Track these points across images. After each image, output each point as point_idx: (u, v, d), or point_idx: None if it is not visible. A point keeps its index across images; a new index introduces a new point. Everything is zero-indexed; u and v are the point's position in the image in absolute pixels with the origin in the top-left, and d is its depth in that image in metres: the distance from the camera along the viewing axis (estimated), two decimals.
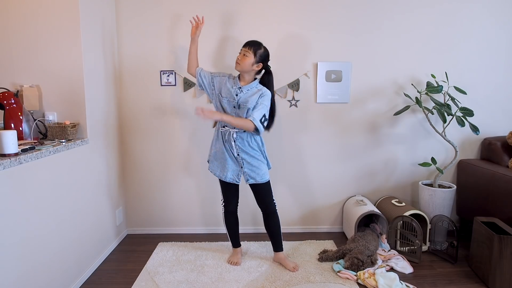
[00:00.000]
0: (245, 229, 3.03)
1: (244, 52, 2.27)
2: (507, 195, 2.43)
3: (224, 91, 2.34)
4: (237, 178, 2.38)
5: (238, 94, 2.31)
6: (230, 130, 2.32)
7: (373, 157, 3.05)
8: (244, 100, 2.29)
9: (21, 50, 2.26)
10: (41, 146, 1.96)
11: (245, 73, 2.32)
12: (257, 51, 2.27)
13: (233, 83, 2.35)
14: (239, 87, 2.32)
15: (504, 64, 2.97)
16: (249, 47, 2.27)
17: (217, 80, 2.39)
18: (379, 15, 2.87)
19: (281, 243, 2.49)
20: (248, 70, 2.30)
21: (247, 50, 2.27)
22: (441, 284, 2.26)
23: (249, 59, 2.26)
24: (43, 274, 1.89)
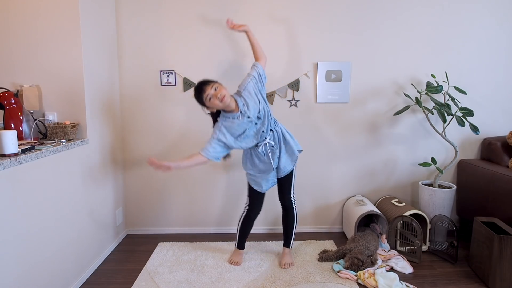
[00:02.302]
0: None
1: (212, 87, 2.11)
2: (507, 195, 2.43)
3: (238, 130, 2.21)
4: (273, 181, 2.40)
5: (249, 115, 2.20)
6: (265, 142, 2.27)
7: (373, 157, 3.05)
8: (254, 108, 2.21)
9: (21, 50, 2.26)
10: (41, 146, 1.96)
11: (232, 102, 2.18)
12: (213, 80, 2.18)
13: (233, 118, 2.20)
14: (240, 113, 2.20)
15: (504, 64, 2.97)
16: (208, 84, 2.13)
17: (223, 136, 2.22)
18: (379, 15, 2.87)
19: (290, 240, 2.51)
20: (229, 94, 2.17)
21: (212, 84, 2.12)
22: (441, 284, 2.26)
23: (220, 85, 2.15)
24: (43, 274, 1.89)
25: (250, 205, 2.48)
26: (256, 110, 2.23)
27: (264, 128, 2.26)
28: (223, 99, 2.11)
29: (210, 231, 3.10)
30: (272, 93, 2.91)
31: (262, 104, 2.27)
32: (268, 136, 2.29)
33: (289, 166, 2.38)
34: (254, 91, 2.26)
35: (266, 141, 2.28)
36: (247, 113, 2.21)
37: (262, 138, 2.28)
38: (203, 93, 2.12)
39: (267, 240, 2.91)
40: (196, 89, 2.16)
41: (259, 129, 2.26)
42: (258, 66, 2.32)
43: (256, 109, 2.24)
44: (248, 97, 2.24)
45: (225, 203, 3.06)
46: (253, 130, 2.26)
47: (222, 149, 2.25)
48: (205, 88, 2.12)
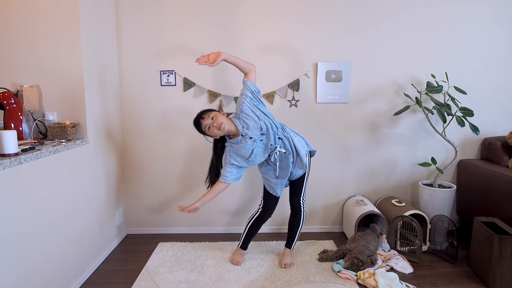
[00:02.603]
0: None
1: (209, 117, 2.16)
2: (507, 195, 2.43)
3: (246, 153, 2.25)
4: (286, 184, 2.44)
5: (250, 136, 2.21)
6: (275, 151, 2.28)
7: (373, 157, 3.05)
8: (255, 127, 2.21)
9: (21, 50, 2.27)
10: (41, 146, 1.96)
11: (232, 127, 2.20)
12: (213, 110, 2.23)
13: (237, 143, 2.24)
14: (241, 136, 2.21)
15: (504, 64, 2.97)
16: (205, 114, 2.18)
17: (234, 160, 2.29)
18: (379, 15, 2.87)
19: (292, 241, 2.52)
20: (228, 120, 2.19)
21: (209, 114, 2.17)
22: (441, 284, 2.26)
23: (217, 114, 2.19)
24: (43, 274, 1.89)
25: (264, 207, 2.48)
26: (257, 128, 2.22)
27: (271, 140, 2.26)
28: (220, 127, 2.14)
29: (210, 231, 3.10)
30: (272, 93, 2.91)
31: (263, 120, 2.23)
32: (278, 145, 2.29)
33: (300, 171, 2.38)
34: (251, 110, 2.22)
35: (277, 150, 2.29)
36: (248, 134, 2.21)
37: (272, 149, 2.29)
38: (201, 125, 2.20)
39: (267, 240, 2.91)
40: (195, 121, 2.24)
41: (266, 143, 2.26)
42: (248, 83, 2.25)
43: (257, 127, 2.22)
44: (247, 118, 2.22)
45: (225, 203, 3.06)
46: (261, 147, 2.27)
47: (238, 171, 2.33)
48: (202, 120, 2.19)
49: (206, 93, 2.90)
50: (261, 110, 2.25)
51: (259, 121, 2.22)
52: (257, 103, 2.25)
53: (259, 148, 2.26)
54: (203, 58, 2.17)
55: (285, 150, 2.30)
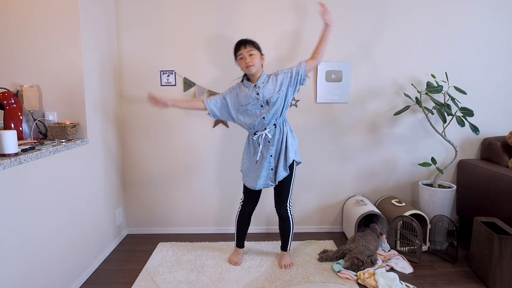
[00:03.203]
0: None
1: (249, 52, 2.20)
2: (507, 195, 2.43)
3: (243, 100, 2.27)
4: (270, 181, 2.34)
5: (259, 92, 2.24)
6: (262, 133, 2.28)
7: (373, 157, 3.05)
8: (270, 93, 2.23)
9: (21, 50, 2.27)
10: (41, 146, 1.96)
11: (258, 71, 2.25)
12: (256, 45, 2.25)
13: (246, 87, 2.28)
14: (254, 85, 2.26)
15: (504, 64, 2.97)
16: (249, 45, 2.22)
17: (229, 98, 2.32)
18: (379, 15, 2.87)
19: (286, 245, 2.49)
20: (260, 67, 2.26)
21: (250, 49, 2.21)
22: (441, 284, 2.26)
23: (257, 55, 2.22)
24: (43, 274, 1.89)
25: (245, 201, 2.47)
26: (270, 94, 2.24)
27: (267, 117, 2.25)
28: (248, 67, 2.20)
29: (210, 231, 3.10)
30: None
31: (281, 97, 2.24)
32: (268, 129, 2.28)
33: (283, 172, 2.30)
34: (281, 82, 2.26)
35: (265, 132, 2.28)
36: (260, 89, 2.24)
37: (262, 128, 2.28)
38: (239, 51, 2.24)
39: (267, 240, 2.91)
40: (237, 43, 2.26)
41: (262, 113, 2.25)
42: (302, 67, 2.27)
43: (271, 94, 2.24)
44: (272, 80, 2.27)
45: (225, 203, 3.06)
46: (255, 111, 2.26)
47: (221, 107, 2.33)
48: (242, 47, 2.22)
49: (206, 93, 2.90)
50: (286, 91, 2.26)
51: (277, 92, 2.24)
52: (290, 84, 2.27)
53: (254, 109, 2.25)
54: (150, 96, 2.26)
55: (270, 139, 2.28)
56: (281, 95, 2.25)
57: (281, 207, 2.41)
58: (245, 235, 2.56)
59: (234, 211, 3.05)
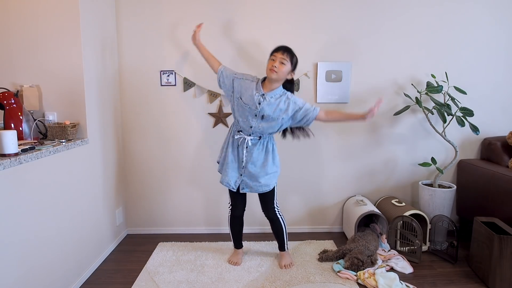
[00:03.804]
0: (246, 229, 3.01)
1: (282, 59, 2.13)
2: (507, 195, 2.43)
3: (245, 97, 2.21)
4: (234, 185, 2.31)
5: (261, 102, 2.18)
6: (245, 137, 2.26)
7: (373, 157, 3.05)
8: (270, 112, 2.18)
9: (21, 50, 2.26)
10: (41, 146, 1.96)
11: (278, 81, 2.20)
12: (293, 59, 2.18)
13: (255, 88, 2.21)
14: (262, 94, 2.19)
15: (504, 64, 2.97)
16: (287, 54, 2.14)
17: (237, 82, 2.26)
18: (379, 15, 2.87)
19: (283, 245, 2.49)
20: (283, 79, 2.20)
21: (285, 57, 2.13)
22: (441, 284, 2.26)
23: (287, 67, 2.15)
24: (43, 274, 1.89)
25: (232, 204, 2.47)
26: (269, 112, 2.18)
27: (254, 128, 2.23)
28: (272, 71, 2.14)
29: (210, 231, 3.10)
30: None
31: (277, 123, 2.21)
32: (252, 137, 2.25)
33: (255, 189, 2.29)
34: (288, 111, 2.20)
35: (247, 138, 2.25)
36: (264, 102, 2.18)
37: (247, 132, 2.25)
38: (275, 52, 2.17)
39: (267, 240, 2.91)
40: (278, 46, 2.20)
41: (251, 122, 2.21)
42: (315, 112, 2.23)
43: (270, 113, 2.18)
44: (283, 102, 2.20)
45: (225, 203, 3.06)
46: (248, 115, 2.21)
47: (228, 82, 2.30)
48: (281, 52, 2.16)
49: (206, 93, 2.90)
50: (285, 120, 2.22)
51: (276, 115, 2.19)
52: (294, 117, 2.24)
53: (247, 111, 2.20)
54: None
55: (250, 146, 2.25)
56: (278, 120, 2.21)
57: (268, 210, 2.41)
58: (241, 236, 2.56)
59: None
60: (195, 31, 2.41)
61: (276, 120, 2.21)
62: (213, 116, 2.94)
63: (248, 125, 2.24)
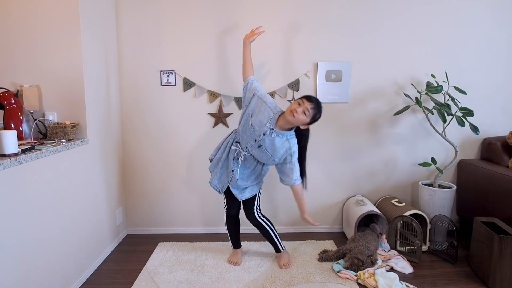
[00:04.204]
0: (245, 229, 3.02)
1: (306, 110, 2.08)
2: (507, 195, 2.43)
3: (255, 119, 2.20)
4: (221, 189, 2.36)
5: (266, 135, 2.17)
6: (241, 151, 2.26)
7: (373, 157, 3.05)
8: (270, 147, 2.18)
9: (21, 50, 2.26)
10: (41, 146, 1.96)
11: (292, 125, 2.17)
12: (316, 116, 2.14)
13: (270, 120, 2.18)
14: (272, 128, 2.17)
15: (504, 64, 2.97)
16: (313, 109, 2.10)
17: (255, 100, 2.23)
18: (379, 15, 2.87)
19: (277, 246, 2.50)
20: (296, 125, 2.18)
21: (309, 111, 2.09)
22: (441, 284, 2.26)
23: (305, 119, 2.11)
24: (43, 274, 1.89)
25: (227, 204, 2.47)
26: (268, 148, 2.18)
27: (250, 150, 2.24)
28: (292, 114, 2.09)
29: (210, 231, 3.10)
30: (272, 93, 2.91)
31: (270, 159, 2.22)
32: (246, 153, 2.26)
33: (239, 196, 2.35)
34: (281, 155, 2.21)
35: (243, 152, 2.26)
36: (269, 136, 2.17)
37: (243, 147, 2.26)
38: (305, 99, 2.12)
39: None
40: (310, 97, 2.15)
41: (248, 143, 2.22)
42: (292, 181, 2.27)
43: (268, 148, 2.19)
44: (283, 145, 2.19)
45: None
46: (249, 137, 2.22)
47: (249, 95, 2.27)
48: (310, 102, 2.11)
49: (206, 93, 2.90)
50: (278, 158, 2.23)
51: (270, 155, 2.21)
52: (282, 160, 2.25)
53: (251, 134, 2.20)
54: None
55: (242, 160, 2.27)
56: (271, 158, 2.21)
57: (249, 216, 2.44)
58: (238, 235, 2.56)
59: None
60: (255, 32, 2.36)
61: (270, 157, 2.22)
62: (213, 116, 2.94)
63: (244, 144, 2.25)
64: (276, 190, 3.02)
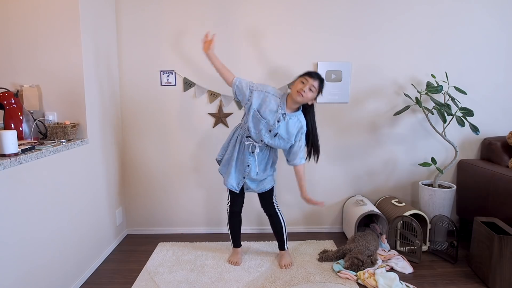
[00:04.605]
0: (246, 229, 3.03)
1: (312, 86, 2.14)
2: (507, 195, 2.43)
3: (265, 111, 2.20)
4: (237, 186, 2.35)
5: (281, 121, 2.20)
6: (255, 144, 2.27)
7: (373, 157, 3.05)
8: (285, 132, 2.22)
9: (21, 50, 2.26)
10: (41, 146, 1.96)
11: (301, 103, 2.21)
12: (321, 88, 2.20)
13: (279, 106, 2.21)
14: (284, 113, 2.20)
15: (504, 64, 2.97)
16: (318, 84, 2.16)
17: (257, 94, 2.21)
18: (379, 15, 2.87)
19: (283, 243, 2.50)
20: (303, 103, 2.22)
21: (315, 86, 2.15)
22: (441, 284, 2.26)
23: (314, 94, 2.17)
24: (43, 274, 1.89)
25: (231, 201, 2.48)
26: (282, 133, 2.22)
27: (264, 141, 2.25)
28: (300, 94, 2.13)
29: (210, 231, 3.10)
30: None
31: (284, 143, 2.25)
32: (260, 145, 2.28)
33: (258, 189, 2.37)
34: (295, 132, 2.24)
35: (257, 145, 2.27)
36: (283, 121, 2.20)
37: (258, 140, 2.26)
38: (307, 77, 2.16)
39: (267, 240, 2.91)
40: (311, 72, 2.20)
41: (264, 136, 2.23)
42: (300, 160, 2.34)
43: (284, 133, 2.22)
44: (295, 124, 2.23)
45: (225, 203, 3.06)
46: (262, 129, 2.21)
47: (245, 92, 2.23)
48: (312, 78, 2.15)
49: (206, 93, 2.90)
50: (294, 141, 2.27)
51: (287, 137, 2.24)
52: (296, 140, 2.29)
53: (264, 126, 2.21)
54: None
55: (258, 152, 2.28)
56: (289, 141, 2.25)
57: (267, 206, 2.45)
58: (239, 234, 2.56)
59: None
60: (207, 41, 2.27)
61: (288, 142, 2.26)
62: (213, 116, 2.94)
63: (259, 138, 2.25)
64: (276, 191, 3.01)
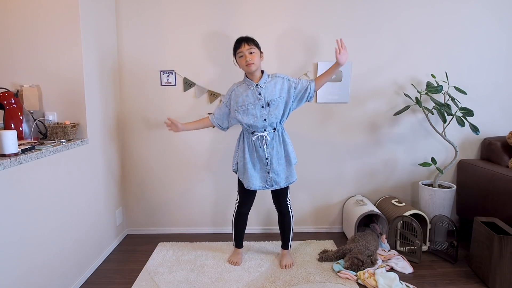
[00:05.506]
0: (246, 228, 3.03)
1: (249, 49, 2.19)
2: (507, 195, 2.43)
3: (243, 100, 2.24)
4: (266, 184, 2.33)
5: (261, 92, 2.23)
6: (262, 134, 2.26)
7: (373, 157, 3.05)
8: (271, 95, 2.22)
9: (21, 50, 2.27)
10: (41, 146, 1.96)
11: (258, 69, 2.25)
12: (256, 43, 2.25)
13: (247, 85, 2.26)
14: (256, 85, 2.24)
15: (504, 64, 2.97)
16: (250, 43, 2.20)
17: (231, 102, 2.30)
18: (379, 15, 2.87)
19: (287, 242, 2.50)
20: (259, 65, 2.25)
21: (251, 46, 2.19)
22: (441, 284, 2.26)
23: (257, 54, 2.22)
24: (43, 274, 1.89)
25: (240, 202, 2.47)
26: (271, 96, 2.22)
27: (269, 119, 2.24)
28: (249, 65, 2.18)
29: (210, 231, 3.10)
30: None
31: (281, 102, 2.24)
32: (268, 131, 2.27)
33: (282, 182, 2.33)
34: (284, 88, 2.25)
35: (264, 134, 2.26)
36: (262, 90, 2.23)
37: (261, 129, 2.26)
38: (238, 48, 2.22)
39: (267, 240, 2.91)
40: (237, 41, 2.24)
41: (263, 114, 2.23)
42: (312, 85, 2.29)
43: (272, 96, 2.22)
44: (276, 83, 2.25)
45: (225, 203, 3.06)
46: (256, 111, 2.23)
47: (226, 116, 2.36)
48: (243, 44, 2.20)
49: (206, 93, 2.90)
50: (287, 98, 2.25)
51: (278, 97, 2.23)
52: (292, 94, 2.26)
53: (255, 110, 2.22)
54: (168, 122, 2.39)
55: (269, 141, 2.26)
56: (281, 101, 2.25)
57: (281, 203, 2.44)
58: (243, 235, 2.56)
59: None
60: (171, 124, 2.39)
61: (281, 100, 2.24)
62: None
63: (261, 120, 2.24)
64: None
